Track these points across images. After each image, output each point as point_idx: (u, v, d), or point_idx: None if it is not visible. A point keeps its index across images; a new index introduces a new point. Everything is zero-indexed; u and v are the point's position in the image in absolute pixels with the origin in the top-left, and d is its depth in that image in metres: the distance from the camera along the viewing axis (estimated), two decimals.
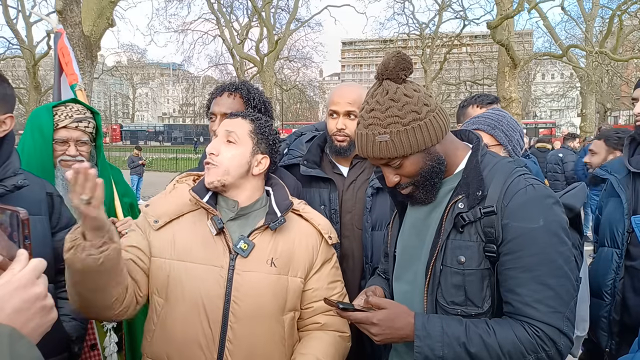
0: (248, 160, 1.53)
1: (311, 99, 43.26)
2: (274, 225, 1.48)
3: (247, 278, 1.44)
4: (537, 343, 1.18)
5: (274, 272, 1.47)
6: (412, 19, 28.66)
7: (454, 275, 1.27)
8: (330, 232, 1.62)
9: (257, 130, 1.56)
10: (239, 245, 1.46)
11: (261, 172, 1.56)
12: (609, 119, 31.95)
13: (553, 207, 1.24)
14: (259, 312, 1.44)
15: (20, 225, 0.86)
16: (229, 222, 1.51)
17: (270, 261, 1.47)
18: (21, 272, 0.79)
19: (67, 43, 2.76)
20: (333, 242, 1.62)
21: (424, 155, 1.28)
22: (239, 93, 1.93)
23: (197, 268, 1.44)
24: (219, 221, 1.46)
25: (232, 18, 27.14)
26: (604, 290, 1.96)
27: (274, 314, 1.47)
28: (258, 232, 1.50)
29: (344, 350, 1.58)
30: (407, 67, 1.26)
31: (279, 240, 1.52)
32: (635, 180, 1.96)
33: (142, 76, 62.63)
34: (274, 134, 1.60)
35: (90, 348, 1.93)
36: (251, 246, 1.47)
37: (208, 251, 1.46)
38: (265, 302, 1.45)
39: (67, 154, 1.97)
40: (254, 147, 1.54)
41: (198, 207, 1.52)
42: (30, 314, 0.77)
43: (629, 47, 23.62)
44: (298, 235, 1.56)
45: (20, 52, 22.86)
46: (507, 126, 1.94)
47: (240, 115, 1.58)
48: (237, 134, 1.53)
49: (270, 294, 1.46)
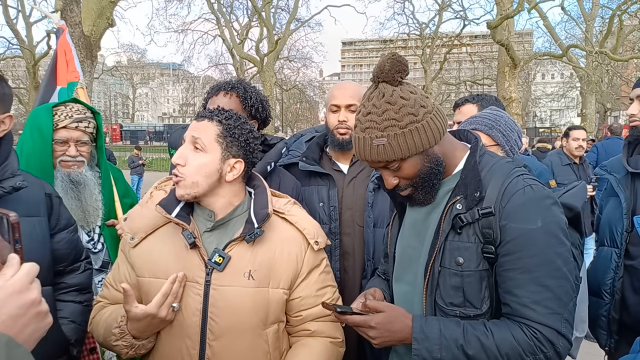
0: (218, 167, 1.40)
1: (311, 99, 43.27)
2: (249, 238, 1.39)
3: (224, 293, 1.37)
4: (535, 345, 1.17)
5: (252, 285, 1.39)
6: (412, 19, 28.68)
7: (453, 277, 1.27)
8: (317, 236, 1.51)
9: (226, 133, 1.41)
10: (213, 259, 1.38)
11: (236, 177, 1.44)
12: (608, 119, 31.94)
13: (551, 208, 1.24)
14: (238, 327, 1.38)
15: (11, 229, 0.82)
16: (206, 233, 1.44)
17: (247, 274, 1.39)
18: (14, 278, 0.77)
19: (70, 40, 2.75)
20: (321, 246, 1.52)
21: (422, 157, 1.28)
22: (235, 92, 1.91)
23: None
24: (189, 236, 1.38)
25: (232, 18, 27.16)
26: (603, 289, 1.96)
27: (254, 328, 1.40)
28: (235, 243, 1.41)
29: (336, 356, 1.52)
30: (402, 70, 1.26)
31: (257, 251, 1.42)
32: (634, 180, 1.96)
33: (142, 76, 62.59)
34: (246, 134, 1.45)
35: (89, 352, 1.93)
36: (227, 259, 1.39)
37: (182, 266, 1.39)
38: (244, 316, 1.38)
39: (67, 155, 1.96)
40: (223, 153, 1.41)
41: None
42: (25, 320, 0.76)
43: (629, 47, 23.59)
44: (280, 243, 1.46)
45: (20, 52, 22.85)
46: (504, 126, 1.93)
47: (207, 117, 1.43)
48: (203, 140, 1.40)
49: (248, 308, 1.38)
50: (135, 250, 1.46)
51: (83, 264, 1.78)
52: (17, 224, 0.83)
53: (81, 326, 1.70)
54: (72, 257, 1.73)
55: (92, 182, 2.02)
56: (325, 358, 1.46)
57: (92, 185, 2.01)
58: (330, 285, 1.56)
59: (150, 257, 1.44)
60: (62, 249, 1.68)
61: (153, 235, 1.46)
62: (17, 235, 0.82)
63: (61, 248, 1.67)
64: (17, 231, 0.82)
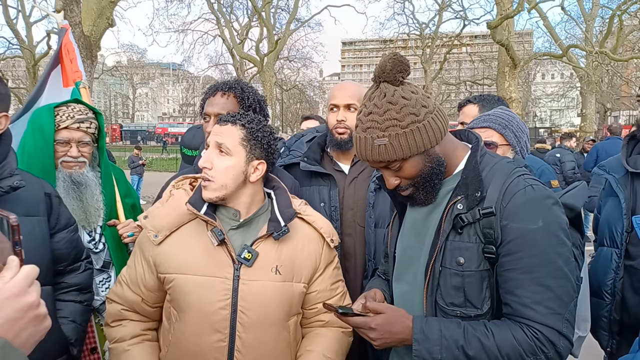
0: (244, 169, 1.48)
1: (311, 99, 43.25)
2: (277, 235, 1.47)
3: (253, 287, 1.44)
4: (535, 345, 1.17)
5: (279, 280, 1.47)
6: (412, 19, 28.67)
7: (453, 277, 1.27)
8: (332, 234, 1.62)
9: (249, 136, 1.49)
10: (242, 255, 1.45)
11: (259, 177, 1.52)
12: (608, 119, 31.92)
13: (552, 208, 1.24)
14: (266, 320, 1.45)
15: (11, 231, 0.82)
16: (231, 231, 1.49)
17: (275, 269, 1.47)
18: (13, 281, 0.76)
19: (72, 39, 2.74)
20: (335, 244, 1.62)
21: (423, 157, 1.28)
22: (233, 92, 1.89)
23: (201, 280, 1.43)
24: (219, 233, 1.44)
25: (232, 18, 27.15)
26: (603, 289, 1.96)
27: (280, 320, 1.48)
28: (261, 240, 1.49)
29: (346, 345, 1.63)
30: (404, 69, 1.26)
31: (282, 248, 1.50)
32: (633, 180, 1.96)
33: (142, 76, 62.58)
34: (267, 136, 1.53)
35: (90, 351, 1.93)
36: (255, 255, 1.46)
37: (211, 262, 1.45)
38: (272, 310, 1.46)
39: (69, 155, 1.96)
40: (247, 155, 1.48)
41: (197, 216, 1.50)
42: (23, 323, 0.75)
43: (629, 47, 23.58)
44: (301, 241, 1.55)
45: (20, 52, 22.86)
46: (517, 127, 1.92)
47: (230, 121, 1.50)
48: (227, 145, 1.47)
49: (276, 301, 1.46)
50: (160, 247, 1.48)
51: (83, 264, 1.78)
52: (17, 226, 0.82)
53: (81, 326, 1.70)
54: (72, 256, 1.73)
55: (93, 182, 2.02)
56: (339, 345, 1.57)
57: (93, 185, 2.01)
58: (341, 279, 1.68)
59: (177, 254, 1.47)
60: (62, 248, 1.68)
61: (177, 232, 1.50)
62: (17, 237, 0.82)
63: (61, 248, 1.67)
64: (17, 233, 0.82)
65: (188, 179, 1.64)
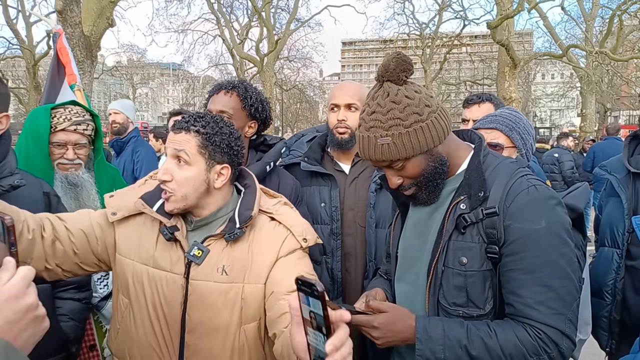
0: (205, 178, 1.39)
1: (311, 99, 43.25)
2: (229, 237, 1.38)
3: (199, 287, 1.37)
4: (539, 345, 1.17)
5: (224, 281, 1.37)
6: (412, 19, 28.61)
7: (456, 277, 1.26)
8: (305, 234, 1.46)
9: (206, 142, 1.38)
10: (192, 252, 1.38)
11: (225, 182, 1.43)
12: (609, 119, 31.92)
13: (555, 208, 1.24)
14: (212, 322, 1.37)
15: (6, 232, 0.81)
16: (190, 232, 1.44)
17: (221, 269, 1.38)
18: (10, 282, 0.76)
19: (66, 43, 2.77)
20: (309, 244, 1.46)
21: (426, 157, 1.28)
22: (236, 91, 1.90)
23: (158, 274, 1.39)
24: (165, 233, 1.39)
25: (232, 18, 27.12)
26: (604, 290, 1.96)
27: (230, 325, 1.37)
28: (213, 239, 1.41)
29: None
30: (407, 69, 1.25)
31: (235, 248, 1.41)
32: (635, 180, 1.95)
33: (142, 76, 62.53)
34: (227, 137, 1.41)
35: (89, 349, 1.93)
36: (206, 253, 1.38)
37: (168, 257, 1.40)
38: (216, 312, 1.37)
39: (65, 157, 1.97)
40: (207, 162, 1.38)
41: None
42: (22, 325, 0.75)
43: (629, 47, 23.57)
44: (261, 240, 1.43)
45: (20, 52, 22.82)
46: (523, 129, 1.90)
47: (183, 129, 1.38)
48: (186, 153, 1.36)
49: (220, 303, 1.37)
50: (121, 229, 1.44)
51: None
52: (13, 226, 0.81)
53: (80, 323, 1.71)
54: None
55: (89, 183, 2.04)
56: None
57: (89, 186, 2.03)
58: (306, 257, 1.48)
59: (134, 240, 1.43)
60: None
61: (137, 217, 1.45)
62: (13, 238, 0.81)
63: None
64: (13, 234, 0.81)
65: None
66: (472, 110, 2.54)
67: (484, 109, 2.47)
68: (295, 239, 1.44)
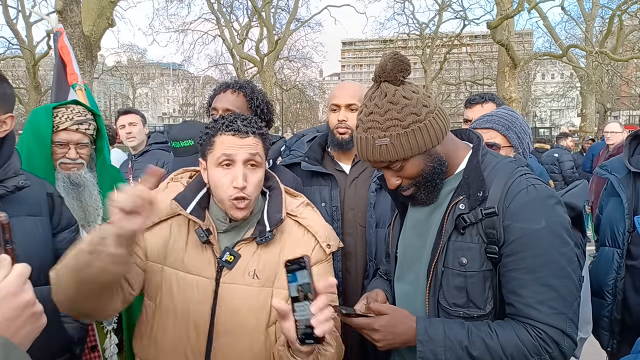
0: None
1: (311, 99, 43.23)
2: (260, 241, 1.40)
3: (230, 291, 1.38)
4: (540, 345, 1.17)
5: (255, 285, 1.39)
6: (412, 19, 28.62)
7: (456, 277, 1.26)
8: (329, 239, 1.49)
9: (268, 145, 1.44)
10: (224, 258, 1.39)
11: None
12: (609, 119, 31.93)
13: (555, 208, 1.24)
14: (241, 326, 1.38)
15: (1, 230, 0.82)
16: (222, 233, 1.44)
17: (252, 273, 1.39)
18: (7, 280, 0.76)
19: (67, 42, 2.76)
20: (332, 250, 1.49)
21: (424, 157, 1.28)
22: (243, 92, 1.92)
23: (187, 278, 1.39)
24: (201, 234, 1.39)
25: (232, 18, 27.12)
26: (605, 289, 1.96)
27: (257, 327, 1.39)
28: (244, 242, 1.42)
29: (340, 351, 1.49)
30: (404, 69, 1.25)
31: (265, 251, 1.42)
32: (635, 180, 1.96)
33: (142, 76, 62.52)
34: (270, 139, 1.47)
35: (90, 349, 1.93)
36: (237, 258, 1.40)
37: (198, 260, 1.40)
38: (246, 315, 1.38)
39: (67, 157, 1.96)
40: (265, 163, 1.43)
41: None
42: (20, 322, 0.76)
43: (629, 47, 23.57)
44: (289, 245, 1.44)
45: (20, 52, 22.83)
46: (520, 128, 1.90)
47: (251, 132, 1.39)
48: (259, 156, 1.39)
49: (249, 307, 1.38)
50: (150, 234, 1.43)
51: None
52: (8, 224, 0.82)
53: (83, 325, 1.70)
54: None
55: (91, 183, 2.03)
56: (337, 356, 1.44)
57: (91, 186, 2.03)
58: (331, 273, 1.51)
59: (164, 244, 1.43)
60: (64, 248, 1.66)
61: (166, 223, 1.45)
62: (8, 235, 0.82)
63: (63, 248, 1.67)
64: (8, 231, 0.82)
65: (188, 172, 1.60)
66: (475, 110, 2.54)
67: (487, 109, 2.46)
68: (322, 249, 1.46)
